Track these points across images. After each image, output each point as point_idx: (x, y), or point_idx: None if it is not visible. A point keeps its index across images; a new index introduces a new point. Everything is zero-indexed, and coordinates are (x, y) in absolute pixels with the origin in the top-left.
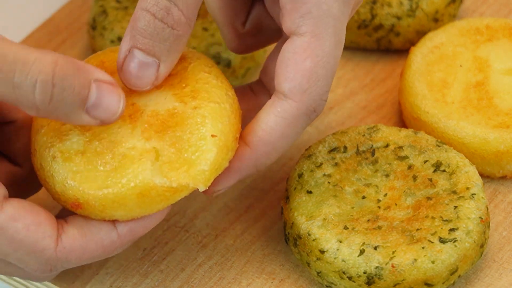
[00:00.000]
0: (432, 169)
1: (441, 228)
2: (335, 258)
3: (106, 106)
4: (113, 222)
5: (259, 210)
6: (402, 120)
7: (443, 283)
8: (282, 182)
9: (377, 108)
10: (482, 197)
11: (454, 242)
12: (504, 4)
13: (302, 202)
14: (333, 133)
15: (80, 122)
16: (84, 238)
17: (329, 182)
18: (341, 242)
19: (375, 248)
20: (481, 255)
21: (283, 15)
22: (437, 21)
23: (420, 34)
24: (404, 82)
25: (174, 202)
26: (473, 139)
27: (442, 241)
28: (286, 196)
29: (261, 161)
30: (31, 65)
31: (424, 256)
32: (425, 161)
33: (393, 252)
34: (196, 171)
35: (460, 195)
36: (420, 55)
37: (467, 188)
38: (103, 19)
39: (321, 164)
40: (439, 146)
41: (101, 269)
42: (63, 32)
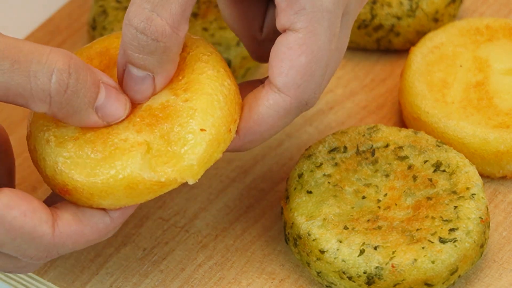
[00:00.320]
0: (432, 169)
1: (441, 228)
2: (335, 258)
3: (113, 108)
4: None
5: (259, 210)
6: (402, 120)
7: (443, 283)
8: (282, 182)
9: (377, 108)
10: (482, 197)
11: (454, 242)
12: (504, 4)
13: (302, 202)
14: (333, 133)
15: (87, 121)
16: (79, 223)
17: (329, 182)
18: (341, 242)
19: (375, 248)
20: (481, 255)
21: (278, 13)
22: (437, 21)
23: (420, 34)
24: (404, 82)
25: (162, 193)
26: (473, 139)
27: (442, 241)
28: (286, 196)
29: (245, 146)
30: (48, 55)
31: (424, 256)
32: (425, 161)
33: (393, 252)
34: (184, 166)
35: (460, 195)
36: (420, 55)
37: (467, 188)
38: (103, 19)
39: (321, 164)
40: (439, 146)
41: (101, 269)
42: (63, 32)
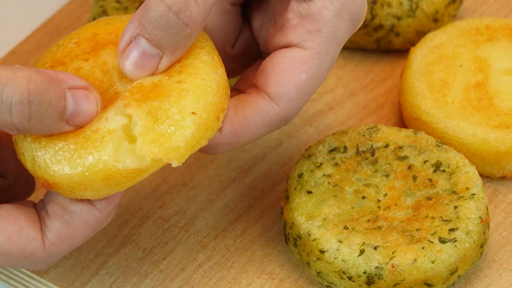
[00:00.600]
0: (432, 169)
1: (441, 228)
2: (335, 258)
3: (85, 112)
4: (90, 200)
5: (259, 210)
6: (402, 120)
7: (443, 283)
8: (282, 182)
9: (377, 108)
10: (482, 197)
11: (454, 242)
12: (504, 4)
13: (302, 202)
14: (333, 133)
15: (61, 132)
16: (68, 227)
17: (329, 182)
18: (341, 242)
19: (375, 248)
20: (481, 255)
21: (285, 29)
22: (437, 21)
23: (420, 34)
24: (404, 82)
25: (143, 178)
26: (473, 139)
27: (442, 241)
28: (286, 196)
29: (220, 146)
30: (4, 87)
31: (424, 256)
32: (425, 161)
33: (393, 252)
34: (171, 147)
35: (460, 195)
36: (420, 55)
37: (467, 188)
38: None
39: (321, 164)
40: (439, 146)
41: (101, 269)
42: (63, 32)
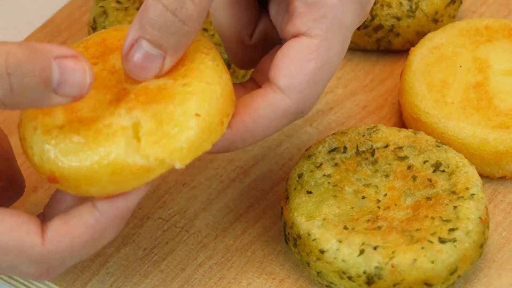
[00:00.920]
0: (432, 169)
1: (441, 228)
2: (335, 258)
3: (72, 81)
4: (92, 202)
5: (259, 210)
6: (402, 120)
7: (442, 283)
8: (282, 182)
9: (377, 108)
10: (482, 197)
11: (454, 242)
12: (503, 5)
13: (302, 202)
14: (333, 134)
15: (52, 104)
16: (68, 225)
17: (329, 182)
18: (341, 242)
19: (375, 248)
20: (480, 255)
21: (294, 17)
22: (436, 21)
23: (420, 34)
24: (404, 83)
25: (149, 180)
26: (473, 139)
27: (442, 241)
28: (286, 196)
29: (235, 144)
30: None
31: (424, 256)
32: (425, 162)
33: (392, 252)
34: (174, 147)
35: (460, 195)
36: (419, 55)
37: (467, 188)
38: (103, 19)
39: (321, 164)
40: (438, 147)
41: (101, 269)
42: (64, 33)
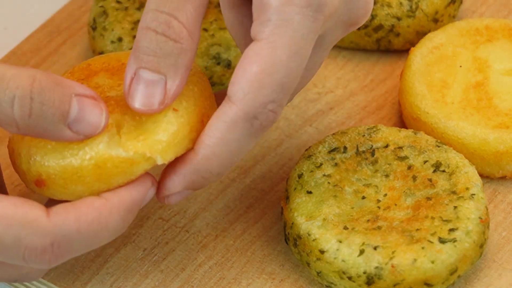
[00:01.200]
0: (432, 169)
1: (441, 228)
2: (335, 258)
3: (89, 120)
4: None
5: (259, 210)
6: (402, 120)
7: (442, 283)
8: (282, 182)
9: (377, 108)
10: (482, 197)
11: (454, 242)
12: (503, 5)
13: (302, 202)
14: (333, 134)
15: (62, 138)
16: (73, 204)
17: (329, 183)
18: (341, 242)
19: (375, 248)
20: (480, 255)
21: (252, 23)
22: (436, 21)
23: (420, 34)
24: (404, 83)
25: (134, 176)
26: (473, 139)
27: (442, 241)
28: (286, 196)
29: (203, 166)
30: (8, 81)
31: (424, 256)
32: (425, 162)
33: (393, 252)
34: (154, 140)
35: (460, 195)
36: (420, 55)
37: (467, 188)
38: (103, 19)
39: (321, 164)
40: (438, 147)
41: (101, 269)
42: (63, 33)
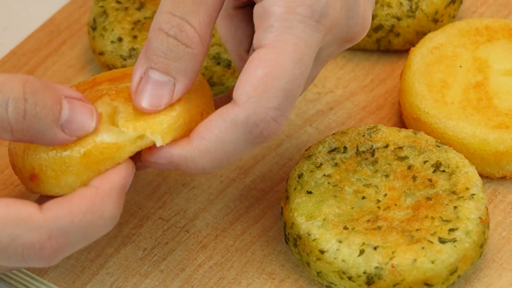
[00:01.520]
0: (432, 169)
1: (441, 228)
2: (335, 258)
3: (80, 121)
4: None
5: (259, 210)
6: (402, 120)
7: (442, 283)
8: (282, 182)
9: (377, 108)
10: (482, 197)
11: (454, 242)
12: (503, 5)
13: (302, 202)
14: (333, 134)
15: (56, 140)
16: (65, 198)
17: (329, 183)
18: (341, 242)
19: (375, 248)
20: (480, 255)
21: (255, 33)
22: (436, 21)
23: (420, 34)
24: (404, 83)
25: (122, 160)
26: (473, 139)
27: (442, 241)
28: (286, 196)
29: (192, 156)
30: (2, 85)
31: (424, 256)
32: (425, 162)
33: (392, 252)
34: (155, 121)
35: (460, 195)
36: (419, 55)
37: (467, 189)
38: (103, 19)
39: (321, 164)
40: (438, 147)
41: (101, 269)
42: (63, 33)
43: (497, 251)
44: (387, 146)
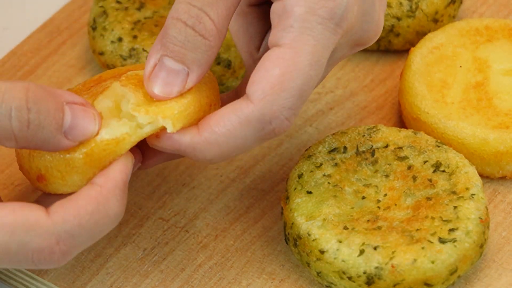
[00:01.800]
0: (432, 169)
1: (441, 228)
2: (335, 258)
3: (82, 127)
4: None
5: (259, 210)
6: (402, 120)
7: (442, 283)
8: (282, 182)
9: (377, 108)
10: (482, 198)
11: (454, 242)
12: (503, 5)
13: (302, 202)
14: (333, 134)
15: (60, 147)
16: (70, 200)
17: (329, 183)
18: (341, 242)
19: (375, 248)
20: (480, 255)
21: (272, 29)
22: (436, 21)
23: (420, 34)
24: (403, 83)
25: (124, 151)
26: (473, 139)
27: (442, 241)
28: (286, 196)
29: (200, 147)
30: (3, 94)
31: (424, 256)
32: (425, 162)
33: (392, 252)
34: (166, 107)
35: (460, 195)
36: (419, 55)
37: (467, 189)
38: (103, 19)
39: (321, 164)
40: (438, 147)
41: (101, 269)
42: (63, 33)
43: (497, 251)
44: (387, 146)
